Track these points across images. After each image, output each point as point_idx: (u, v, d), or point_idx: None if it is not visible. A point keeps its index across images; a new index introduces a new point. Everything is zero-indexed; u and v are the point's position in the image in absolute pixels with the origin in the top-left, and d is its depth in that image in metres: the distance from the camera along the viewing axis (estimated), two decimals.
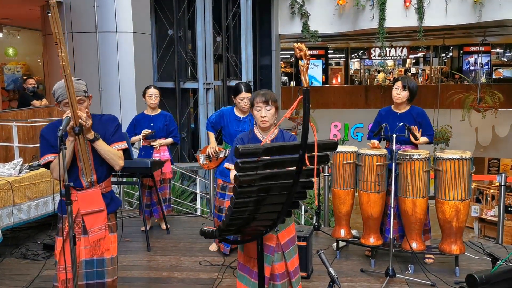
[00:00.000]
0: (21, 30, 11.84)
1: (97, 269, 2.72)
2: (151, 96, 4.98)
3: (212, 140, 4.51)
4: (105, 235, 2.74)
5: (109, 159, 2.70)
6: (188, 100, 9.43)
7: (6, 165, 4.80)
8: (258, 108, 2.76)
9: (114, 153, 2.72)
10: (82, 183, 2.71)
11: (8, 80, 11.11)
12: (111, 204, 2.81)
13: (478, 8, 10.48)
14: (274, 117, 2.79)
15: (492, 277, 1.97)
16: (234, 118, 4.31)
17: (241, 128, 4.27)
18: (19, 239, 4.92)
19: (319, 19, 11.86)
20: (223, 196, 4.33)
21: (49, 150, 2.67)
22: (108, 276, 2.76)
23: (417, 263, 4.00)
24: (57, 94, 2.65)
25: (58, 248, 2.69)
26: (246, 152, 2.01)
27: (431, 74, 19.95)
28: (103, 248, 2.73)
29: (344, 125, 17.16)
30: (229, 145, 4.37)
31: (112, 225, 2.81)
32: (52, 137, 2.65)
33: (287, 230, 2.80)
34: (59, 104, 2.66)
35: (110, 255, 2.77)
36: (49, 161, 2.66)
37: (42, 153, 2.69)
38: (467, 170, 3.75)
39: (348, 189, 4.17)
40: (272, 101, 2.75)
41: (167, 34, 9.02)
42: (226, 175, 4.32)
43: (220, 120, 4.38)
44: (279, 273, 2.74)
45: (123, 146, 2.79)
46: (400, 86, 4.09)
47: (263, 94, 2.77)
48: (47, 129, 2.72)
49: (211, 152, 4.45)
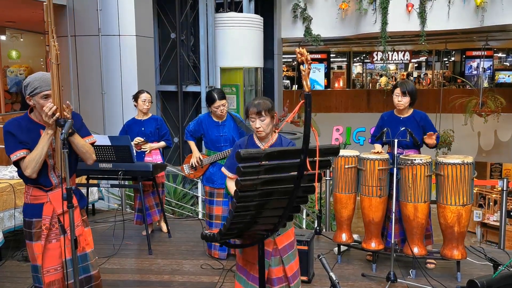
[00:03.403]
0: (24, 33, 11.87)
1: (82, 264, 2.73)
2: (144, 101, 4.92)
3: (194, 149, 4.49)
4: (82, 230, 2.75)
5: (84, 153, 2.67)
6: (190, 103, 9.45)
7: (9, 168, 4.81)
8: (252, 119, 2.74)
9: (89, 147, 2.71)
10: (52, 181, 2.66)
11: (11, 83, 11.14)
12: (81, 199, 2.81)
13: (481, 13, 10.49)
14: (271, 125, 2.76)
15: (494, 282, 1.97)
16: (213, 124, 4.30)
17: (221, 133, 4.29)
18: (21, 241, 4.91)
19: (322, 23, 11.88)
20: (211, 203, 4.34)
21: (18, 146, 2.57)
22: (93, 269, 2.79)
23: (418, 268, 3.99)
24: (33, 86, 2.54)
25: (38, 253, 2.65)
26: (247, 156, 2.02)
27: (433, 79, 19.96)
28: (83, 244, 2.73)
29: (346, 129, 17.16)
30: (211, 151, 4.37)
31: (85, 219, 2.82)
32: (20, 134, 2.58)
33: (286, 234, 2.80)
34: (32, 97, 2.56)
35: (90, 249, 2.78)
36: (22, 157, 2.56)
37: (12, 150, 2.58)
38: (469, 175, 3.75)
39: (350, 194, 4.17)
40: (265, 111, 2.70)
41: (169, 37, 9.05)
42: (213, 181, 4.33)
43: (199, 128, 4.37)
44: (276, 277, 2.74)
45: (93, 140, 2.79)
46: (399, 93, 4.10)
47: (256, 105, 2.72)
48: (12, 125, 2.61)
49: (194, 162, 4.44)
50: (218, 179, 4.29)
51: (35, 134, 2.59)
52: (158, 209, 5.11)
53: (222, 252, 4.40)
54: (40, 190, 2.66)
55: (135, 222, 5.07)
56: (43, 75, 2.57)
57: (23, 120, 2.65)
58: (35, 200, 2.67)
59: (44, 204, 2.66)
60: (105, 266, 4.29)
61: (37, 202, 2.67)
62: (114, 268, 4.30)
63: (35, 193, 2.67)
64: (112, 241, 4.78)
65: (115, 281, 4.02)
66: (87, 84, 7.67)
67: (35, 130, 2.61)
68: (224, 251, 4.40)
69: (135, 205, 5.13)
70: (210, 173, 4.37)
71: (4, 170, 4.72)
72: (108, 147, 4.48)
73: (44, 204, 2.66)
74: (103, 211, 6.27)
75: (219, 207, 4.30)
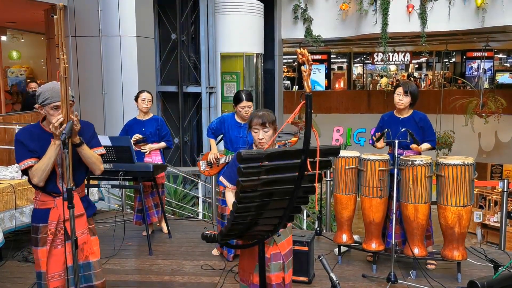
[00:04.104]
0: (25, 34, 11.90)
1: (84, 273, 2.73)
2: (144, 100, 4.93)
3: (213, 146, 4.52)
4: (87, 238, 2.75)
5: (92, 164, 2.71)
6: (190, 104, 9.45)
7: (9, 168, 4.82)
8: (255, 130, 2.75)
9: (97, 158, 2.74)
10: (60, 188, 2.69)
11: (11, 83, 11.15)
12: (89, 207, 2.82)
13: (481, 14, 10.50)
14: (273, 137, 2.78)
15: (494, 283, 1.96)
16: (235, 124, 4.33)
17: (241, 134, 4.30)
18: (21, 242, 4.92)
19: (322, 24, 11.89)
20: (224, 203, 4.33)
21: (27, 155, 2.62)
22: (96, 279, 2.77)
23: (419, 269, 3.99)
24: (44, 97, 2.58)
25: (43, 258, 2.67)
26: (248, 157, 2.02)
27: (434, 79, 19.96)
28: (87, 252, 2.74)
29: (346, 130, 17.15)
30: (230, 151, 4.39)
31: (93, 228, 2.83)
32: (30, 142, 2.63)
33: (287, 240, 2.81)
34: (44, 107, 2.61)
35: (96, 258, 2.78)
36: (30, 166, 2.61)
37: (21, 159, 2.63)
38: (469, 176, 3.75)
39: (350, 194, 4.17)
40: (269, 123, 2.72)
41: (170, 38, 9.05)
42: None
43: (221, 126, 4.40)
44: (276, 283, 2.73)
45: (102, 151, 2.82)
46: (401, 92, 4.10)
47: (261, 116, 2.74)
48: (23, 134, 2.68)
49: (213, 158, 4.46)
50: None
51: (46, 143, 2.63)
52: (157, 210, 5.11)
53: (230, 253, 4.40)
54: (48, 195, 2.70)
55: (134, 223, 5.07)
56: (54, 86, 2.60)
57: (35, 129, 2.70)
58: (43, 205, 2.71)
59: (51, 209, 2.69)
60: (105, 266, 4.29)
61: (44, 207, 2.70)
62: (115, 268, 4.30)
63: (43, 198, 2.70)
64: (113, 242, 4.78)
65: (116, 281, 4.02)
66: (88, 84, 7.68)
67: (46, 139, 2.64)
68: (231, 252, 4.40)
69: (134, 206, 5.13)
70: None
71: (4, 171, 4.73)
72: (109, 148, 4.49)
73: (51, 210, 2.69)
74: (103, 211, 6.27)
75: None
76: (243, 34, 9.77)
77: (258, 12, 10.05)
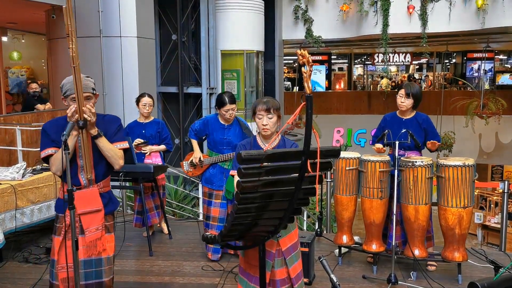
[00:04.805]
0: (26, 34, 11.89)
1: (96, 268, 2.74)
2: (145, 105, 4.93)
3: (195, 148, 4.51)
4: (101, 235, 2.75)
5: (110, 157, 2.71)
6: (191, 104, 9.46)
7: (10, 169, 4.81)
8: (260, 116, 2.76)
9: (116, 152, 2.73)
10: (81, 181, 2.71)
11: (12, 84, 11.16)
12: (108, 204, 2.82)
13: (482, 15, 10.49)
14: (276, 125, 2.80)
15: (494, 285, 1.97)
16: (219, 126, 4.32)
17: (226, 136, 4.30)
18: (22, 243, 4.93)
19: (323, 24, 11.88)
20: (210, 204, 4.35)
21: (49, 144, 2.69)
22: (106, 275, 2.79)
23: (419, 270, 3.99)
24: (65, 89, 2.65)
25: (56, 247, 2.70)
26: (248, 158, 2.02)
27: (435, 80, 19.96)
28: (99, 248, 2.74)
29: (347, 131, 17.14)
30: (213, 152, 4.38)
31: (109, 226, 2.83)
32: (54, 132, 2.68)
33: (289, 236, 2.79)
34: (66, 98, 2.67)
35: (107, 255, 2.79)
36: (49, 154, 2.67)
37: (43, 147, 2.71)
38: (470, 177, 3.74)
39: (351, 195, 4.17)
40: (274, 109, 2.75)
41: (170, 39, 9.06)
42: (212, 182, 4.34)
43: (204, 128, 4.39)
44: (280, 279, 2.73)
45: (125, 145, 2.80)
46: (403, 94, 4.09)
47: (265, 102, 2.77)
48: (50, 124, 2.77)
49: (195, 161, 4.46)
50: (217, 181, 4.31)
51: None
52: (157, 211, 5.11)
53: (215, 254, 4.41)
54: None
55: (134, 225, 5.07)
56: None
57: (62, 120, 2.76)
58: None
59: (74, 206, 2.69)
60: None
61: None
62: (115, 269, 4.25)
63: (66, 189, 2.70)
64: None
65: (116, 282, 3.98)
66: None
67: None
68: (218, 253, 4.40)
69: (134, 207, 5.12)
70: (210, 174, 4.38)
71: (5, 171, 4.73)
72: None
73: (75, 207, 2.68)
74: None
75: (217, 208, 4.31)
76: (243, 31, 9.77)
77: (259, 10, 10.07)
